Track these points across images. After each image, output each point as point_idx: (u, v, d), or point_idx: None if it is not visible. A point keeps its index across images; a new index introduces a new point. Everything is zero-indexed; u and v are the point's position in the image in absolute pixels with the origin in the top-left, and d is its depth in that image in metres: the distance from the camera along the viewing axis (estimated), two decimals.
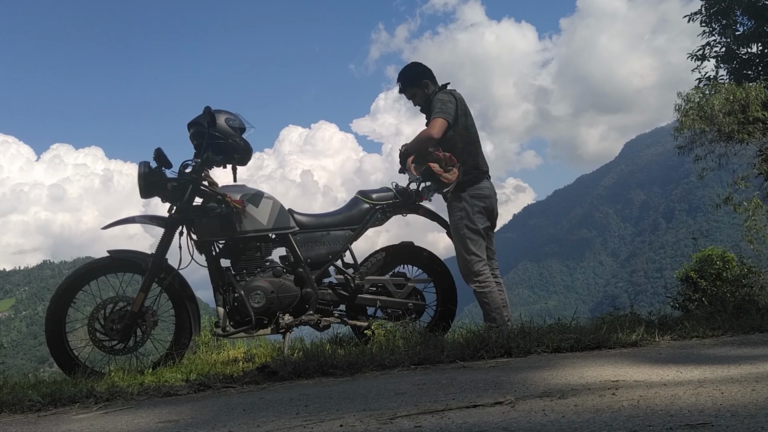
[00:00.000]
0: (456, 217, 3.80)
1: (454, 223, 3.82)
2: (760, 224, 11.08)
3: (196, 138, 3.52)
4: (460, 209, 3.79)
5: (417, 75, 3.98)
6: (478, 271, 3.73)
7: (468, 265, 3.74)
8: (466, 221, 3.76)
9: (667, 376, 2.06)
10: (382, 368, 2.72)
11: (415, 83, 3.97)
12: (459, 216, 3.78)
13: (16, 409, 2.33)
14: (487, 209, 3.82)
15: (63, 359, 3.31)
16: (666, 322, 3.78)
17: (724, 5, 11.54)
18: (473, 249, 3.74)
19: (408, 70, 4.04)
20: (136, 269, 3.49)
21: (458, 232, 3.78)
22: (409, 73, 4.01)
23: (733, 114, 10.30)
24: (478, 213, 3.79)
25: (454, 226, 3.82)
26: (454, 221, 3.82)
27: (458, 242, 3.79)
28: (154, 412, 2.13)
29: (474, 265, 3.73)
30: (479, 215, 3.79)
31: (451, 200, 3.83)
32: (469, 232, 3.76)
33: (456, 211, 3.80)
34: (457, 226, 3.79)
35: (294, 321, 3.58)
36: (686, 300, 7.28)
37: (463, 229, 3.76)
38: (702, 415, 1.43)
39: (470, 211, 3.77)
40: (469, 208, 3.77)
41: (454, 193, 3.79)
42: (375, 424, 1.59)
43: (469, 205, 3.78)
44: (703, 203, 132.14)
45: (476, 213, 3.78)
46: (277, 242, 3.74)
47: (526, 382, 2.08)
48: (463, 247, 3.76)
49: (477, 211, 3.78)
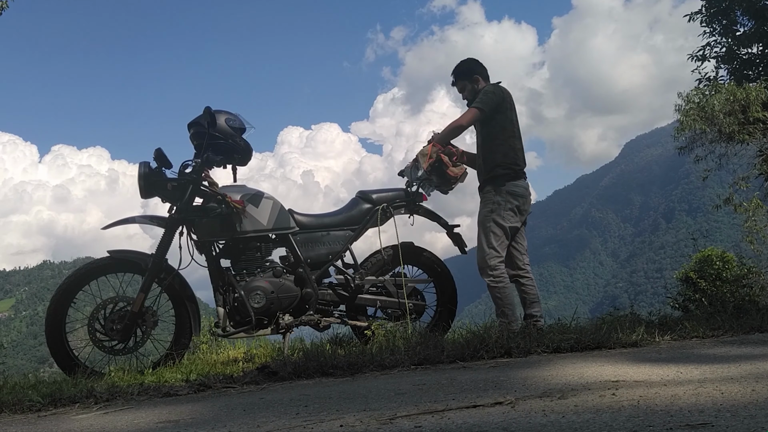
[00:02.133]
0: (486, 209, 3.76)
1: (482, 215, 3.77)
2: (760, 225, 11.08)
3: (196, 138, 3.52)
4: (492, 201, 3.75)
5: (470, 69, 4.01)
6: (493, 265, 3.70)
7: (485, 257, 3.71)
8: (494, 215, 3.73)
9: (667, 376, 2.06)
10: (382, 368, 2.72)
11: (467, 77, 3.99)
12: (489, 208, 3.75)
13: (16, 409, 2.33)
14: (519, 208, 3.78)
15: (63, 359, 3.31)
16: (666, 322, 3.78)
17: (724, 5, 11.54)
18: (494, 243, 3.71)
19: (462, 63, 4.07)
20: (136, 269, 3.49)
21: (484, 224, 3.75)
22: (463, 67, 4.04)
23: (734, 114, 10.30)
24: (510, 210, 3.74)
25: (481, 217, 3.77)
26: (483, 212, 3.77)
27: (481, 233, 3.75)
28: (154, 412, 2.13)
29: (491, 260, 3.70)
30: (510, 213, 3.74)
31: (486, 191, 3.79)
32: (495, 226, 3.72)
33: (488, 203, 3.76)
34: (485, 218, 3.75)
35: (294, 321, 3.58)
36: (686, 300, 7.28)
37: (489, 222, 3.73)
38: (702, 415, 1.43)
39: (503, 206, 3.73)
40: (502, 203, 3.73)
41: (489, 184, 3.78)
42: (375, 425, 1.58)
43: (504, 200, 3.74)
44: (703, 203, 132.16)
45: (508, 210, 3.74)
46: (277, 242, 3.74)
47: (526, 383, 2.08)
48: (485, 240, 3.73)
49: (509, 207, 3.74)
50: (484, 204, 3.80)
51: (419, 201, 3.97)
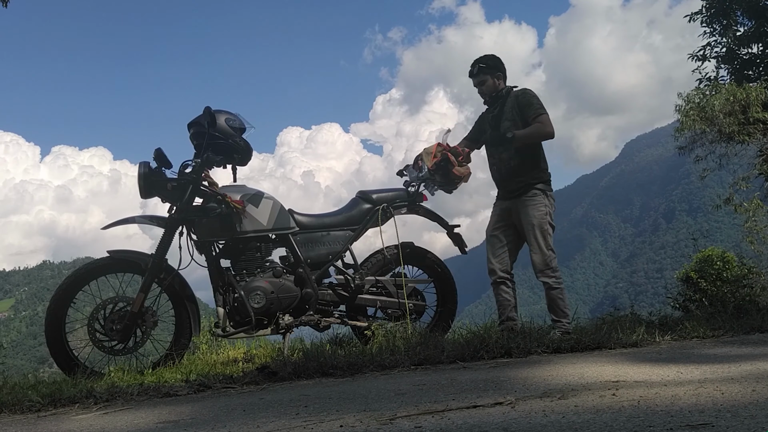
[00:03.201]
0: (540, 212, 3.79)
1: (538, 217, 3.78)
2: (760, 225, 11.08)
3: (196, 138, 3.51)
4: (545, 204, 3.81)
5: (497, 65, 3.99)
6: (555, 267, 3.78)
7: (547, 260, 3.75)
8: (549, 218, 3.80)
9: (667, 376, 2.05)
10: (382, 369, 2.72)
11: (492, 72, 3.96)
12: (544, 211, 3.79)
13: (16, 409, 2.33)
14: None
15: (63, 359, 3.31)
16: (666, 322, 3.78)
17: (724, 6, 11.54)
18: (551, 244, 3.79)
19: (491, 57, 4.03)
20: (136, 269, 3.49)
21: (542, 227, 3.78)
22: (489, 61, 4.00)
23: (734, 114, 10.30)
24: (552, 213, 3.85)
25: (538, 220, 3.78)
26: (538, 215, 3.78)
27: (540, 236, 3.77)
28: (154, 412, 2.13)
29: (552, 261, 3.76)
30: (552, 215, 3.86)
31: (535, 194, 3.82)
32: (550, 228, 3.80)
33: (541, 206, 3.80)
34: (542, 220, 3.78)
35: (294, 321, 3.58)
36: (686, 300, 7.26)
37: (546, 225, 3.78)
38: (702, 416, 1.42)
39: (551, 209, 3.83)
40: (550, 206, 3.83)
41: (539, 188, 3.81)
42: (375, 425, 1.58)
43: (550, 203, 3.84)
44: (703, 204, 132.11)
45: (553, 212, 3.86)
46: (277, 242, 3.74)
47: (526, 383, 2.08)
48: (544, 242, 3.76)
49: (553, 211, 3.86)
50: (535, 206, 3.80)
51: (420, 201, 3.97)
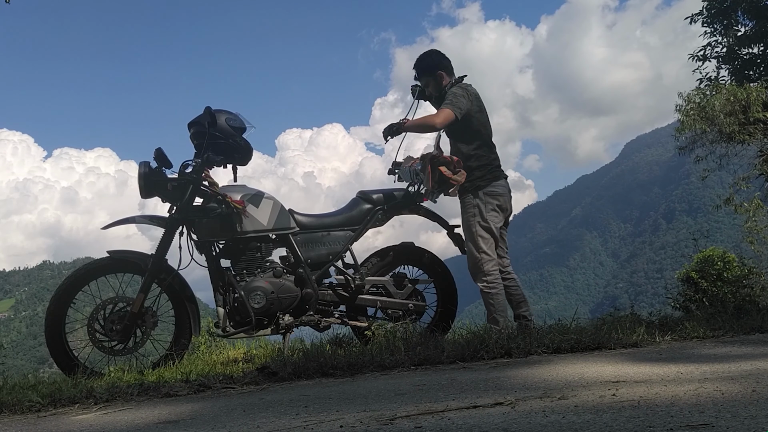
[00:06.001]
0: (468, 214, 3.71)
1: (466, 220, 3.72)
2: (760, 225, 11.09)
3: (197, 138, 3.51)
4: (473, 206, 3.69)
5: (432, 64, 3.86)
6: (487, 270, 3.65)
7: (478, 263, 3.66)
8: (478, 218, 3.67)
9: (667, 376, 2.05)
10: (382, 369, 2.72)
11: (430, 72, 3.85)
12: (472, 213, 3.69)
13: (15, 409, 2.33)
14: (501, 207, 3.73)
15: (63, 360, 3.31)
16: (666, 322, 3.77)
17: (725, 6, 11.55)
18: (484, 247, 3.66)
19: (424, 57, 3.90)
20: (136, 270, 3.49)
21: (470, 230, 3.69)
22: (425, 61, 3.88)
23: (734, 114, 10.32)
24: (492, 211, 3.69)
25: (465, 223, 3.73)
26: (466, 218, 3.72)
27: (469, 240, 3.71)
28: (153, 412, 2.13)
29: (484, 265, 3.65)
30: (493, 213, 3.70)
31: (465, 197, 3.73)
32: (481, 230, 3.67)
33: (469, 207, 3.71)
34: (469, 223, 3.69)
35: (294, 321, 3.58)
36: (687, 300, 7.27)
37: (475, 227, 3.67)
38: (703, 416, 1.42)
39: (483, 209, 3.67)
40: (482, 206, 3.68)
41: (468, 190, 3.70)
42: (375, 425, 1.58)
43: (483, 202, 3.68)
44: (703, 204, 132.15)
45: (490, 211, 3.68)
46: (277, 242, 3.74)
47: (526, 383, 2.08)
48: (474, 245, 3.68)
49: (491, 208, 3.69)
50: (465, 209, 3.74)
51: (420, 201, 3.97)
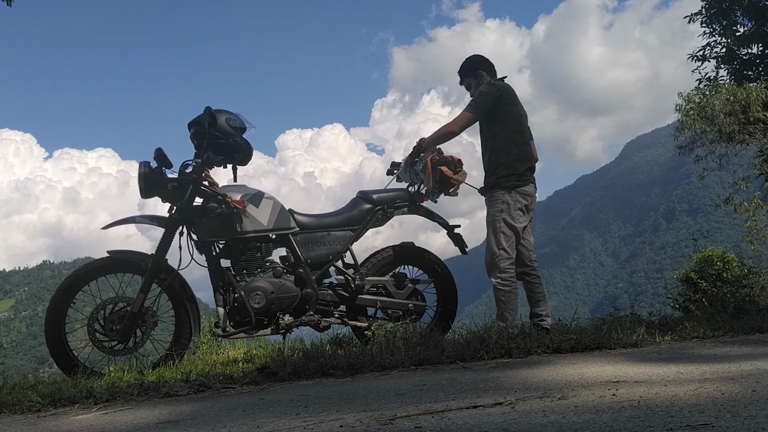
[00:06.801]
0: (495, 209, 3.68)
1: (491, 215, 3.70)
2: (760, 225, 11.09)
3: (197, 138, 3.51)
4: (502, 201, 3.67)
5: (472, 65, 3.96)
6: (503, 267, 3.63)
7: (495, 258, 3.64)
8: (504, 215, 3.65)
9: (667, 376, 2.05)
10: (382, 369, 2.72)
11: (470, 73, 3.95)
12: (499, 208, 3.67)
13: (15, 409, 2.33)
14: (528, 207, 3.73)
15: (63, 360, 3.31)
16: (666, 322, 3.78)
17: (724, 6, 11.55)
18: (504, 244, 3.64)
19: (466, 60, 4.01)
20: (136, 270, 3.49)
21: (494, 224, 3.67)
22: (466, 64, 3.99)
23: (734, 114, 10.32)
24: (519, 210, 3.68)
25: (490, 218, 3.70)
26: (492, 212, 3.70)
27: (491, 234, 3.69)
28: (154, 412, 2.13)
29: (501, 261, 3.63)
30: (519, 212, 3.68)
31: (495, 191, 3.71)
32: (505, 227, 3.64)
33: (497, 202, 3.68)
34: (495, 218, 3.67)
35: (294, 321, 3.58)
36: (687, 301, 7.26)
37: (500, 223, 3.65)
38: (703, 416, 1.42)
39: (512, 206, 3.66)
40: (511, 203, 3.66)
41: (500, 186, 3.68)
42: (375, 425, 1.58)
43: (513, 199, 3.66)
44: (703, 204, 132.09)
45: (517, 209, 3.67)
46: (277, 242, 3.74)
47: (526, 383, 2.08)
48: (495, 241, 3.66)
49: (518, 207, 3.68)
50: (492, 204, 3.72)
51: (420, 201, 3.97)
